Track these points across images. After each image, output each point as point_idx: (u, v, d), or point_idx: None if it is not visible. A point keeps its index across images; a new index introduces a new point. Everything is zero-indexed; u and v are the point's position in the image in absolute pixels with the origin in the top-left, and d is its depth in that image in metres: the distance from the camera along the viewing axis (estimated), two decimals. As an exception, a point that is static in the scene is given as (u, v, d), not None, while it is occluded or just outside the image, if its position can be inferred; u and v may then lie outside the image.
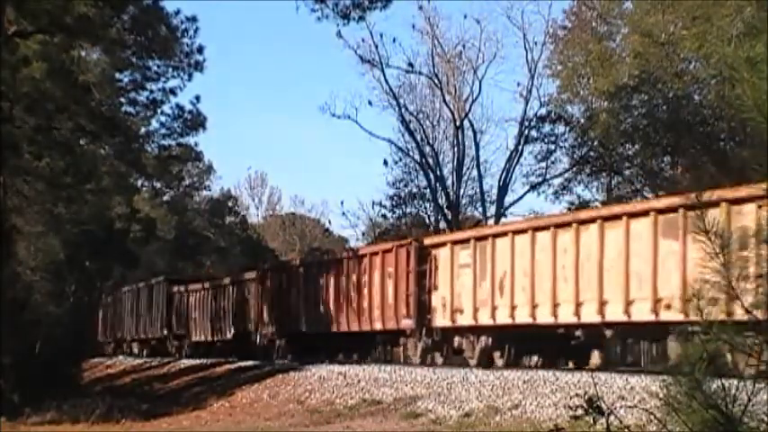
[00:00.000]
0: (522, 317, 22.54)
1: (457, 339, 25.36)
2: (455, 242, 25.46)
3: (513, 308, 22.78)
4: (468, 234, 25.87)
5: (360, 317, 28.67)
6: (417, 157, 46.98)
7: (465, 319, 24.54)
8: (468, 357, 24.83)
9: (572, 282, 21.03)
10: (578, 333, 21.49)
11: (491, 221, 44.21)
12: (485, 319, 23.76)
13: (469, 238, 24.75)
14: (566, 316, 21.27)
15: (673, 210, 18.38)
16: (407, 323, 26.41)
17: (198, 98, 32.87)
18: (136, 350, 49.44)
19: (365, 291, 28.44)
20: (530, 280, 22.16)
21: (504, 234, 23.53)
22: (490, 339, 24.10)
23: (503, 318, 23.19)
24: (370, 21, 37.78)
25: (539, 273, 21.95)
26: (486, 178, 47.26)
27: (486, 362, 23.90)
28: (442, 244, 26.01)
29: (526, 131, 45.55)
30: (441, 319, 25.42)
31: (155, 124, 33.50)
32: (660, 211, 19.14)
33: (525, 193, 46.07)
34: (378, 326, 27.93)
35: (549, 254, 21.67)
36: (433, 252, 25.90)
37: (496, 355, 24.21)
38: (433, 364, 25.45)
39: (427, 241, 27.04)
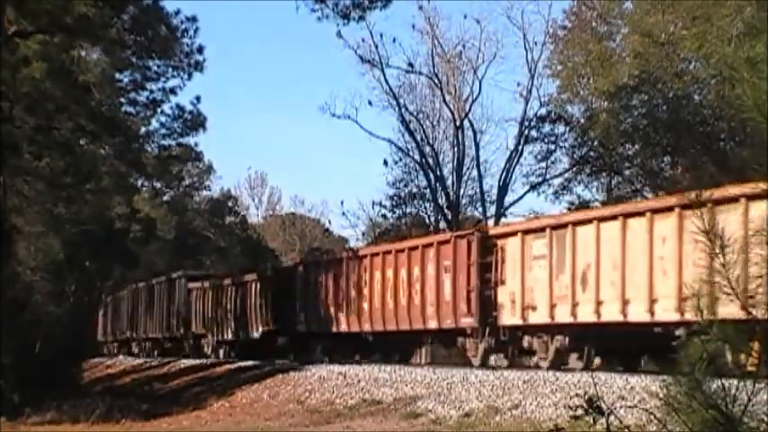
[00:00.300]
0: (611, 314, 20.08)
1: (527, 339, 22.97)
2: (527, 231, 22.88)
3: (598, 304, 20.37)
4: (544, 222, 23.42)
5: (410, 314, 26.52)
6: (417, 157, 47.02)
7: (538, 317, 22.12)
8: (539, 359, 22.56)
9: (673, 274, 18.44)
10: (679, 332, 17.50)
11: (491, 222, 44.23)
12: (563, 316, 21.23)
13: (545, 227, 22.28)
14: (665, 313, 18.57)
15: None
16: (468, 321, 24.17)
17: (198, 98, 32.91)
18: (137, 350, 48.22)
19: (417, 286, 26.25)
20: (620, 273, 19.76)
21: (588, 221, 21.17)
22: (567, 339, 21.55)
23: (586, 315, 20.71)
24: (370, 21, 37.80)
25: (630, 264, 19.60)
26: (486, 178, 47.31)
27: (559, 364, 21.75)
28: (511, 234, 23.49)
29: (526, 131, 45.57)
30: (508, 317, 23.08)
31: (155, 124, 33.56)
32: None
33: (525, 193, 46.13)
34: (432, 324, 25.71)
35: (645, 243, 19.17)
36: (499, 243, 23.50)
37: (573, 356, 21.80)
38: (497, 367, 23.27)
39: (493, 231, 24.96)
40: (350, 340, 30.06)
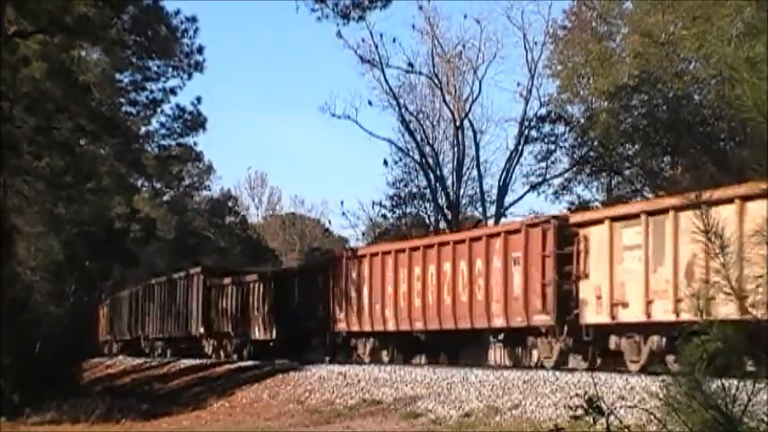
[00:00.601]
0: (727, 311, 17.44)
1: (614, 339, 20.54)
2: (616, 218, 20.31)
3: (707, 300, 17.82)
4: (638, 208, 21.16)
5: (471, 312, 24.26)
6: (417, 157, 47.01)
7: (631, 315, 19.79)
8: (630, 361, 20.15)
9: None
10: None
11: (491, 222, 44.24)
12: (662, 313, 18.85)
13: (639, 213, 19.83)
14: None
15: None
16: (543, 319, 21.93)
17: (199, 99, 32.89)
18: (147, 349, 45.60)
19: (480, 281, 24.04)
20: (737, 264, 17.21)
21: (694, 206, 18.05)
22: (664, 340, 18.99)
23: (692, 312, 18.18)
24: (370, 21, 37.82)
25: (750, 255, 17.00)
26: (486, 178, 47.31)
27: (652, 367, 19.10)
28: (597, 221, 21.03)
29: (526, 131, 45.57)
30: (593, 315, 20.77)
31: (155, 124, 33.54)
32: None
33: (525, 193, 46.13)
34: (498, 322, 23.50)
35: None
36: (581, 232, 21.16)
37: (669, 359, 18.14)
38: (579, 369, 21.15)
39: (574, 218, 22.34)
40: (398, 340, 28.18)
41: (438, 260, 25.64)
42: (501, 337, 25.18)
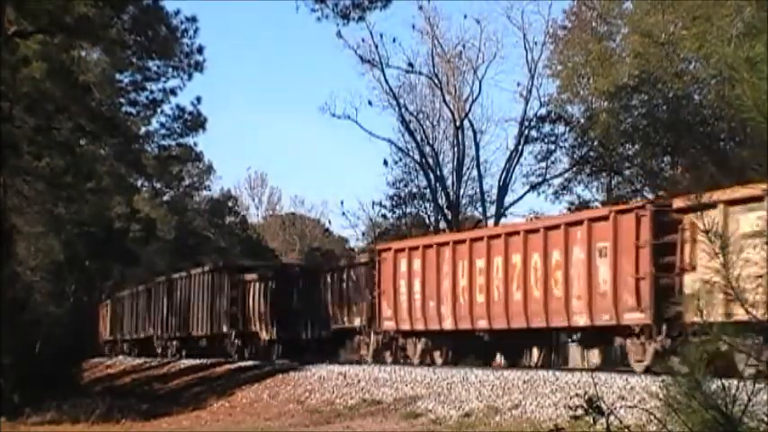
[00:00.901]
0: None
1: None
2: (732, 202, 17.41)
3: None
4: (759, 190, 16.73)
5: (547, 308, 22.07)
6: (417, 157, 47.00)
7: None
8: (745, 366, 18.64)
9: None
10: None
11: (491, 222, 44.23)
12: None
13: (761, 196, 16.62)
14: None
15: None
16: (636, 317, 19.84)
17: (199, 99, 32.88)
18: (159, 349, 43.72)
19: (556, 274, 21.86)
20: None
21: None
22: None
23: None
24: (369, 21, 37.77)
25: None
26: (486, 178, 47.28)
27: None
28: (709, 206, 18.63)
29: (526, 131, 45.55)
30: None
31: (155, 125, 33.54)
32: None
33: (525, 193, 46.08)
34: (580, 320, 21.28)
35: None
36: (684, 218, 18.61)
37: None
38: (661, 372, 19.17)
39: (677, 203, 19.17)
40: (455, 340, 25.97)
41: (505, 252, 23.38)
42: (577, 336, 23.38)
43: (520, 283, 22.80)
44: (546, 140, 45.32)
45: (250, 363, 33.35)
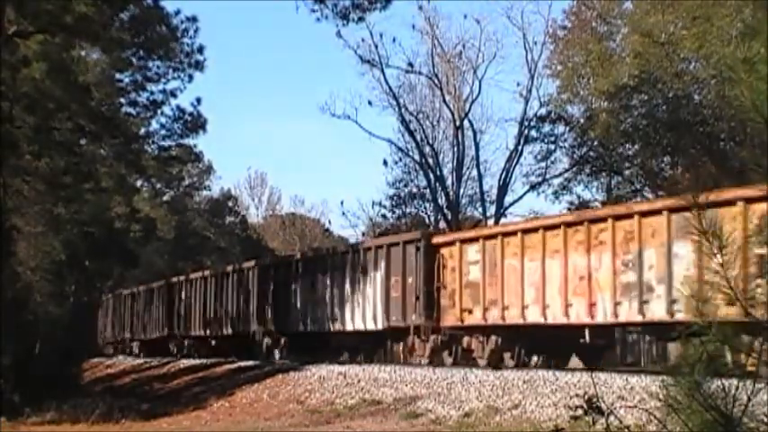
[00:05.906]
0: None
1: None
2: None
3: None
4: None
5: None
6: (417, 157, 47.04)
7: None
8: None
9: None
10: None
11: (491, 222, 44.22)
12: None
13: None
14: None
15: None
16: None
17: (199, 100, 32.94)
18: (174, 350, 41.98)
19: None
20: None
21: None
22: None
23: None
24: (369, 21, 37.77)
25: None
26: (486, 178, 47.34)
27: None
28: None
29: (526, 131, 45.58)
30: None
31: (155, 125, 33.59)
32: None
33: (525, 193, 46.14)
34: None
35: None
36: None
37: None
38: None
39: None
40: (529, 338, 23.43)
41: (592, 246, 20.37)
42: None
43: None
44: (546, 140, 45.38)
45: (250, 363, 33.33)
